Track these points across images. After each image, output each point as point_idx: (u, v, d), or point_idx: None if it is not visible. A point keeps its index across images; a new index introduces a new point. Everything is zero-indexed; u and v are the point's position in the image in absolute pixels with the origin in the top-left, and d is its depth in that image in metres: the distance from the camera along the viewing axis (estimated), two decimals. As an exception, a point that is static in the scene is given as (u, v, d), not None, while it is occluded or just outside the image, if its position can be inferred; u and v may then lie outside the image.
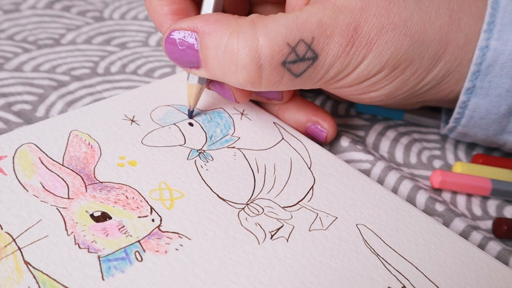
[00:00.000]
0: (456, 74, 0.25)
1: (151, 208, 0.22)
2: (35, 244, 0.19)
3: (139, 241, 0.20)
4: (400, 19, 0.23)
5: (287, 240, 0.21)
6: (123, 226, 0.21)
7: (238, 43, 0.22)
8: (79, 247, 0.20)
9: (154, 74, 0.34)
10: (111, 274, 0.19)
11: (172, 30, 0.23)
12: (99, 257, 0.19)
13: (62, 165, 0.23)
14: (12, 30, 0.35)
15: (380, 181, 0.28)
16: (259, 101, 0.29)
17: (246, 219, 0.22)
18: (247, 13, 0.30)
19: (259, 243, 0.21)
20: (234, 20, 0.22)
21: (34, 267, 0.19)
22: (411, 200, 0.27)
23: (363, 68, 0.24)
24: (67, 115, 0.25)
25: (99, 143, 0.24)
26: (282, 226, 0.22)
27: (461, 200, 0.29)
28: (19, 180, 0.22)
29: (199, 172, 0.24)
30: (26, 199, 0.21)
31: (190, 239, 0.21)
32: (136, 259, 0.20)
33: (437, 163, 0.31)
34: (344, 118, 0.32)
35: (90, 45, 0.35)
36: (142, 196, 0.22)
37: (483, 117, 0.26)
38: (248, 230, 0.21)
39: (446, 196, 0.29)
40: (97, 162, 0.23)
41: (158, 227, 0.21)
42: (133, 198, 0.22)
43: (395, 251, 0.21)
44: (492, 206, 0.29)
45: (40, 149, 0.23)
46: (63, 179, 0.22)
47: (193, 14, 0.25)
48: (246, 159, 0.25)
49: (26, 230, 0.20)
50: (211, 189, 0.23)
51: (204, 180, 0.23)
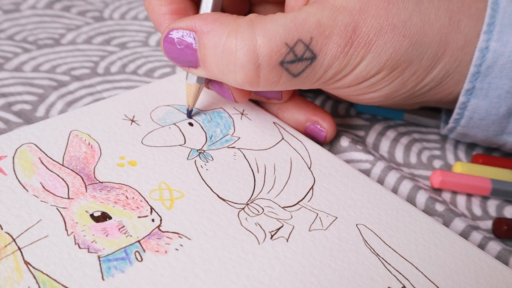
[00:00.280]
0: (455, 75, 0.25)
1: (151, 208, 0.22)
2: (35, 244, 0.20)
3: (139, 241, 0.20)
4: (399, 20, 0.23)
5: (287, 240, 0.21)
6: (123, 226, 0.21)
7: (236, 43, 0.22)
8: (79, 247, 0.20)
9: (154, 74, 0.34)
10: (111, 274, 0.19)
11: (171, 30, 0.23)
12: (99, 257, 0.19)
13: (62, 165, 0.23)
14: (12, 30, 0.35)
15: (380, 181, 0.28)
16: (258, 100, 0.29)
17: (246, 219, 0.22)
18: (247, 13, 0.30)
19: (259, 243, 0.21)
20: (233, 19, 0.22)
21: (34, 267, 0.19)
22: (411, 200, 0.27)
23: (362, 69, 0.24)
24: (67, 115, 0.25)
25: (99, 143, 0.24)
26: (282, 226, 0.22)
27: (461, 200, 0.29)
28: (19, 180, 0.22)
29: (199, 172, 0.24)
30: (26, 199, 0.21)
31: (190, 239, 0.21)
32: (136, 259, 0.20)
33: (437, 163, 0.31)
34: (344, 118, 0.32)
35: (90, 45, 0.35)
36: (142, 196, 0.22)
37: (482, 118, 0.26)
38: (248, 230, 0.21)
39: (446, 196, 0.29)
40: (97, 162, 0.23)
41: (158, 227, 0.21)
42: (133, 198, 0.22)
43: (395, 251, 0.21)
44: (492, 206, 0.29)
45: (40, 149, 0.23)
46: (63, 179, 0.22)
47: (191, 14, 0.25)
48: (246, 159, 0.25)
49: (26, 230, 0.20)
50: (211, 189, 0.23)
51: (204, 180, 0.23)
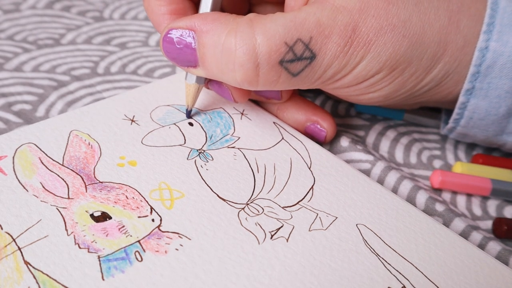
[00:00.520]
0: (455, 76, 0.25)
1: (151, 208, 0.22)
2: (35, 244, 0.20)
3: (139, 241, 0.20)
4: (399, 20, 0.23)
5: (287, 240, 0.21)
6: (123, 226, 0.21)
7: (236, 42, 0.22)
8: (79, 247, 0.20)
9: (154, 74, 0.34)
10: (111, 274, 0.19)
11: (170, 29, 0.23)
12: (99, 257, 0.19)
13: (62, 165, 0.23)
14: (12, 30, 0.35)
15: (380, 181, 0.28)
16: (258, 100, 0.29)
17: (246, 219, 0.22)
18: (246, 13, 0.30)
19: (259, 243, 0.21)
20: (232, 19, 0.22)
21: (34, 267, 0.19)
22: (411, 200, 0.27)
23: (361, 69, 0.24)
24: (67, 115, 0.25)
25: (99, 143, 0.24)
26: (282, 226, 0.22)
27: (461, 200, 0.29)
28: (19, 180, 0.22)
29: (199, 172, 0.24)
30: (26, 199, 0.21)
31: (190, 239, 0.21)
32: (136, 259, 0.20)
33: (437, 163, 0.31)
34: (344, 118, 0.32)
35: (90, 45, 0.35)
36: (142, 196, 0.22)
37: (482, 118, 0.26)
38: (248, 230, 0.21)
39: (446, 196, 0.29)
40: (97, 162, 0.23)
41: (158, 227, 0.21)
42: (133, 198, 0.22)
43: (395, 251, 0.21)
44: (492, 206, 0.29)
45: (40, 149, 0.23)
46: (63, 179, 0.22)
47: (191, 14, 0.25)
48: (246, 159, 0.25)
49: (26, 230, 0.20)
50: (211, 189, 0.23)
51: (204, 180, 0.23)
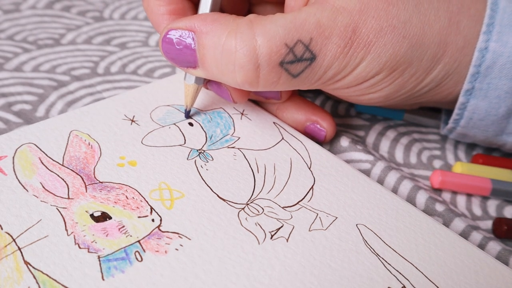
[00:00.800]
0: (455, 76, 0.25)
1: (151, 208, 0.22)
2: (35, 244, 0.20)
3: (139, 241, 0.20)
4: (399, 21, 0.23)
5: (287, 240, 0.21)
6: (123, 226, 0.21)
7: (236, 43, 0.22)
8: (79, 247, 0.20)
9: (154, 74, 0.34)
10: (111, 274, 0.19)
11: (169, 30, 0.23)
12: (99, 257, 0.19)
13: (62, 165, 0.23)
14: (12, 30, 0.35)
15: (380, 181, 0.28)
16: (257, 100, 0.29)
17: (246, 219, 0.22)
18: (246, 13, 0.30)
19: (259, 243, 0.21)
20: (232, 20, 0.22)
21: (34, 267, 0.19)
22: (411, 200, 0.27)
23: (361, 70, 0.24)
24: (67, 115, 0.25)
25: (99, 143, 0.24)
26: (282, 226, 0.22)
27: (461, 200, 0.29)
28: (19, 180, 0.22)
29: (199, 172, 0.24)
30: (26, 199, 0.21)
31: (190, 239, 0.21)
32: (136, 259, 0.20)
33: (437, 163, 0.31)
34: (344, 118, 0.32)
35: (90, 45, 0.35)
36: (142, 196, 0.22)
37: (482, 118, 0.26)
38: (248, 230, 0.21)
39: (446, 196, 0.29)
40: (97, 162, 0.23)
41: (158, 227, 0.21)
42: (133, 198, 0.22)
43: (395, 251, 0.21)
44: (492, 206, 0.29)
45: (40, 149, 0.23)
46: (63, 179, 0.22)
47: (190, 14, 0.25)
48: (246, 159, 0.25)
49: (26, 230, 0.20)
50: (211, 189, 0.23)
51: (204, 180, 0.23)
